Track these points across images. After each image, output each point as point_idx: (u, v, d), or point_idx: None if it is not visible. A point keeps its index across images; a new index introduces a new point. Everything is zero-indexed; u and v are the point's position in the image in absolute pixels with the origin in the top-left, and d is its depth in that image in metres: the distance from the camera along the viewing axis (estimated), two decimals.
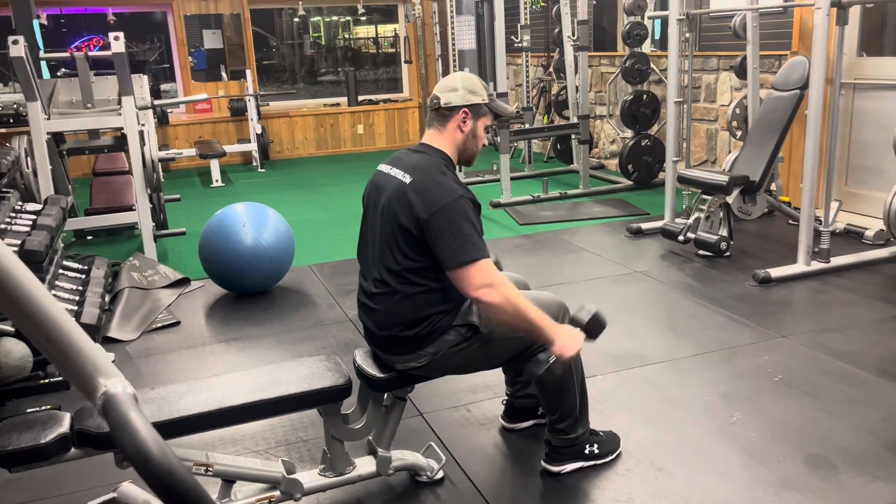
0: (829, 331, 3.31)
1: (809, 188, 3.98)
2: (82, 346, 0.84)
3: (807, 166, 3.97)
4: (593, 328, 2.10)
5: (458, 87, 2.13)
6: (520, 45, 7.01)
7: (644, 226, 5.02)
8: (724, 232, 4.37)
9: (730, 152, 5.49)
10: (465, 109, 2.12)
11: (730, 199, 4.33)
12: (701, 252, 4.44)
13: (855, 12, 4.86)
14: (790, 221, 4.81)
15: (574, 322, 2.09)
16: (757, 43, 4.94)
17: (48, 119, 4.42)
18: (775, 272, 3.96)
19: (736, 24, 5.03)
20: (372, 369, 2.17)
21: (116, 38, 4.27)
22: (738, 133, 5.18)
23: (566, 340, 2.03)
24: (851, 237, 4.61)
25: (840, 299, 3.70)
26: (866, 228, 4.54)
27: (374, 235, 2.13)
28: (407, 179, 2.05)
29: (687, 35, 4.85)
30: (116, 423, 0.73)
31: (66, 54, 4.76)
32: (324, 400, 2.09)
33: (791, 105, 4.41)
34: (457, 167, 2.18)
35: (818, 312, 3.61)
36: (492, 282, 1.96)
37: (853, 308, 3.57)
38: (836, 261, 4.09)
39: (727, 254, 4.37)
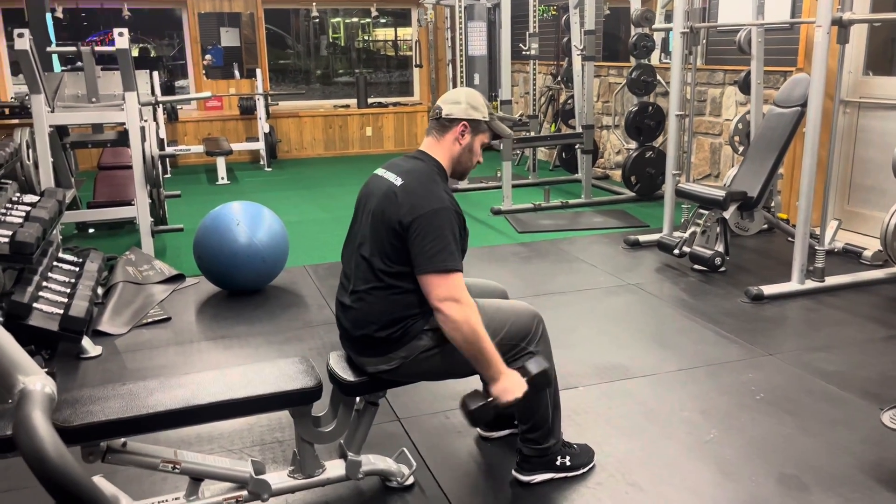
0: (816, 350, 3.29)
1: (805, 206, 3.95)
2: (2, 345, 0.85)
3: (804, 184, 3.95)
4: (539, 383, 2.09)
5: (461, 100, 2.19)
6: (528, 52, 7.01)
7: (642, 238, 5.01)
8: (720, 247, 4.35)
9: (733, 167, 5.47)
10: (465, 123, 2.17)
11: (727, 215, 4.30)
12: (696, 266, 4.42)
13: (861, 31, 4.82)
14: (789, 239, 4.77)
15: (523, 371, 2.09)
16: (761, 58, 4.92)
17: (52, 112, 4.46)
18: (768, 289, 3.94)
19: (741, 39, 5.01)
20: (344, 373, 2.18)
21: (121, 34, 4.31)
22: (740, 148, 5.16)
23: (508, 385, 2.03)
24: (850, 257, 4.57)
25: (831, 319, 3.67)
26: (865, 248, 4.51)
27: (361, 235, 2.15)
28: (398, 182, 2.09)
29: (691, 48, 4.84)
30: (18, 420, 0.74)
31: (73, 49, 4.80)
32: (293, 402, 2.10)
33: (791, 122, 4.39)
34: (449, 179, 2.20)
35: (808, 331, 3.58)
36: (459, 298, 1.98)
37: (843, 328, 3.54)
38: (831, 280, 4.06)
39: (722, 269, 4.34)
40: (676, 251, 4.46)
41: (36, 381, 0.87)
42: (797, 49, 5.12)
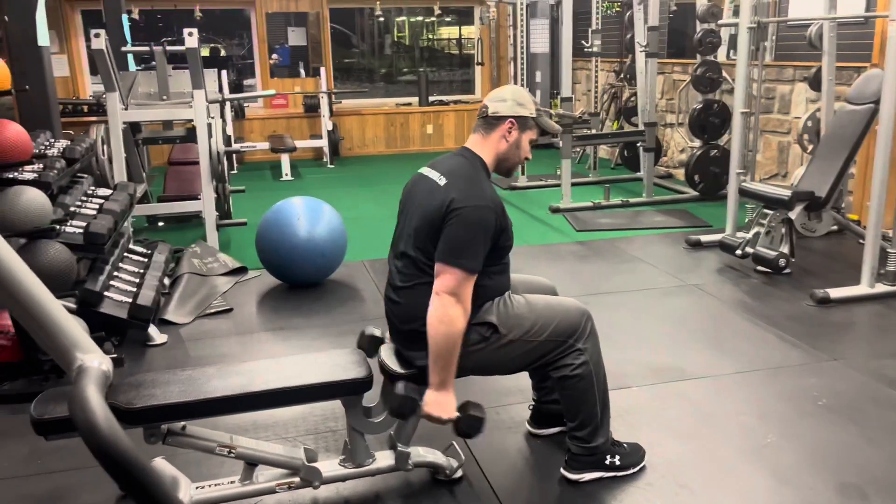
0: (884, 356, 3.16)
1: (877, 206, 3.80)
2: (61, 323, 0.91)
3: (875, 183, 3.80)
4: (463, 423, 2.11)
5: (507, 98, 2.20)
6: (590, 49, 6.94)
7: (703, 238, 4.90)
8: (784, 248, 4.22)
9: (801, 166, 5.29)
10: (512, 120, 2.18)
11: (792, 215, 4.17)
12: (759, 268, 4.30)
13: None
14: (860, 241, 4.60)
15: (462, 407, 2.11)
16: (833, 54, 4.74)
17: (125, 109, 4.65)
18: (835, 293, 3.80)
19: (812, 34, 4.85)
20: (394, 365, 2.21)
21: (190, 34, 4.47)
22: (809, 147, 4.99)
23: (442, 401, 2.08)
24: None
25: None
26: None
27: (406, 233, 2.19)
28: (442, 182, 2.11)
29: (759, 44, 4.71)
30: (74, 392, 0.79)
31: (146, 48, 5.00)
32: (344, 392, 2.15)
33: (864, 120, 4.22)
34: (492, 175, 2.21)
35: (876, 337, 3.45)
36: (462, 297, 2.02)
37: None
38: None
39: (787, 271, 4.22)
40: (739, 252, 4.35)
41: (93, 358, 0.92)
42: (871, 44, 4.92)
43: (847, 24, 4.94)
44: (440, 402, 2.08)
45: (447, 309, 2.00)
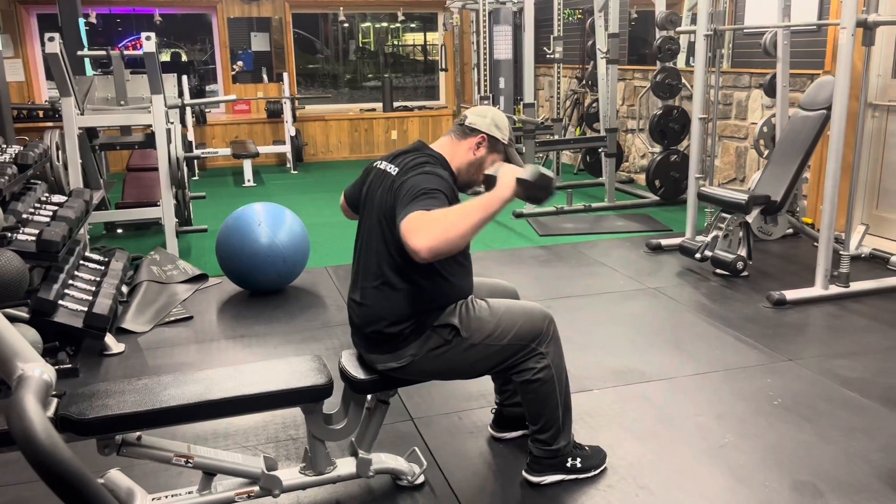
0: (838, 356, 3.24)
1: (830, 210, 3.89)
2: (2, 333, 0.89)
3: (827, 187, 3.89)
4: (535, 186, 2.09)
5: (487, 116, 2.24)
6: (552, 56, 6.99)
7: (664, 242, 4.97)
8: (742, 251, 4.30)
9: (758, 171, 5.40)
10: (485, 136, 2.21)
11: (749, 219, 4.26)
12: (718, 271, 4.37)
13: (890, 34, 4.74)
14: (814, 243, 4.70)
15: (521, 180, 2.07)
16: (787, 61, 4.85)
17: (81, 114, 4.56)
18: (791, 294, 3.88)
19: (767, 41, 4.96)
20: (355, 371, 2.20)
21: (148, 38, 4.40)
22: (765, 152, 5.10)
23: (505, 181, 2.04)
24: (877, 262, 4.49)
25: (855, 325, 3.61)
26: (893, 254, 4.42)
27: (367, 230, 2.17)
28: (394, 171, 2.10)
29: (716, 51, 4.80)
30: (11, 402, 0.77)
31: (103, 52, 4.91)
32: (304, 399, 2.12)
33: (817, 125, 4.33)
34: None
35: (830, 337, 3.53)
36: (419, 228, 1.83)
37: (867, 334, 3.48)
38: (856, 286, 3.99)
39: (744, 274, 4.30)
40: (698, 255, 4.42)
41: (34, 367, 0.90)
42: (824, 51, 5.05)
43: (800, 31, 5.06)
44: (505, 183, 2.03)
45: (417, 244, 1.80)
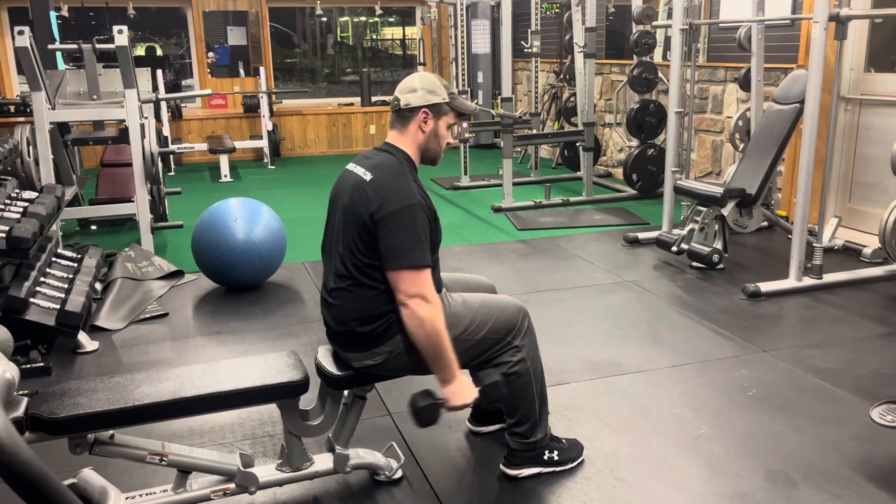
0: (811, 347, 3.28)
1: (803, 203, 3.94)
2: None
3: (801, 180, 3.93)
4: (489, 393, 2.11)
5: (416, 87, 2.15)
6: (530, 50, 7.00)
7: (641, 235, 5.00)
8: (718, 244, 4.34)
9: (734, 164, 5.45)
10: (426, 109, 2.14)
11: (725, 212, 4.29)
12: (694, 264, 4.41)
13: (862, 28, 4.80)
14: (788, 236, 4.76)
15: (476, 381, 2.12)
16: (762, 55, 4.90)
17: (52, 109, 4.49)
18: (765, 286, 3.93)
19: (741, 35, 4.99)
20: (330, 367, 2.19)
21: (120, 32, 4.34)
22: (741, 145, 5.14)
23: (459, 388, 2.06)
24: (850, 254, 4.55)
25: (827, 316, 3.66)
26: (865, 246, 4.48)
27: (337, 231, 2.16)
28: (368, 177, 2.08)
29: (691, 45, 4.82)
30: None
31: (74, 46, 4.83)
32: (279, 395, 2.11)
33: (790, 119, 4.37)
34: (417, 169, 2.19)
35: (803, 328, 3.57)
36: (427, 296, 1.99)
37: (839, 325, 3.53)
38: (829, 277, 4.04)
39: (720, 266, 4.33)
40: (674, 248, 4.45)
41: None
42: (798, 46, 5.10)
43: (774, 26, 5.10)
44: (459, 391, 2.05)
45: (417, 312, 1.98)
